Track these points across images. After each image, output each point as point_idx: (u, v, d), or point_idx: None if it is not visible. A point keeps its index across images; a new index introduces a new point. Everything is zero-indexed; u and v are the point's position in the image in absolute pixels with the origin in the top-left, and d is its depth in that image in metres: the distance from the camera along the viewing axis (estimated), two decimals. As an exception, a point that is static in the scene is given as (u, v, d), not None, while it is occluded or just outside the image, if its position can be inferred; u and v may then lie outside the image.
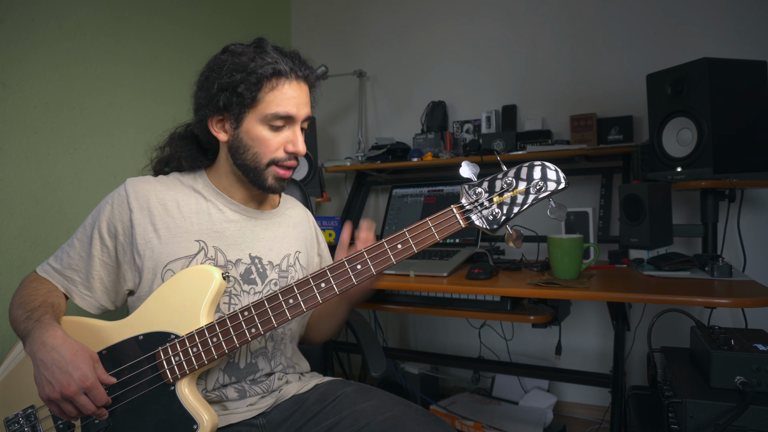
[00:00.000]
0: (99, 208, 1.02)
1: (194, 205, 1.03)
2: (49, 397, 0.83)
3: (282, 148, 0.99)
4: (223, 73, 0.95)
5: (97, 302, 1.02)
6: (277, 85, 0.96)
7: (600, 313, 2.17)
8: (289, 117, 0.97)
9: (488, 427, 1.92)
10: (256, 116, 0.96)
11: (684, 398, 0.99)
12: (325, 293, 0.90)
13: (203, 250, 1.00)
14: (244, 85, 0.94)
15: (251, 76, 0.94)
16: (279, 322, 0.90)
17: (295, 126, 1.00)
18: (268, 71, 0.94)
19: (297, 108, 0.98)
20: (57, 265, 1.02)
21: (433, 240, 0.88)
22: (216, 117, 0.99)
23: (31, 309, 0.92)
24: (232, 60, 0.95)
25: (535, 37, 2.28)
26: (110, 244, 1.00)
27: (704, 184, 1.57)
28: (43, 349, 0.84)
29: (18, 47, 1.57)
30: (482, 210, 0.87)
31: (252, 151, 0.98)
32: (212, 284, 0.93)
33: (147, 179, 1.04)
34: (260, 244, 1.06)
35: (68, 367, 0.83)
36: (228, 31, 2.41)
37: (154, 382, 0.90)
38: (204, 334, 0.90)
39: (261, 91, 0.95)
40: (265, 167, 0.99)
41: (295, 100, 0.98)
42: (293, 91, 0.97)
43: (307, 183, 2.28)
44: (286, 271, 1.08)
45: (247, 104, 0.95)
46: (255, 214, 1.08)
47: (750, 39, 1.90)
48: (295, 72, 0.98)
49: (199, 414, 0.88)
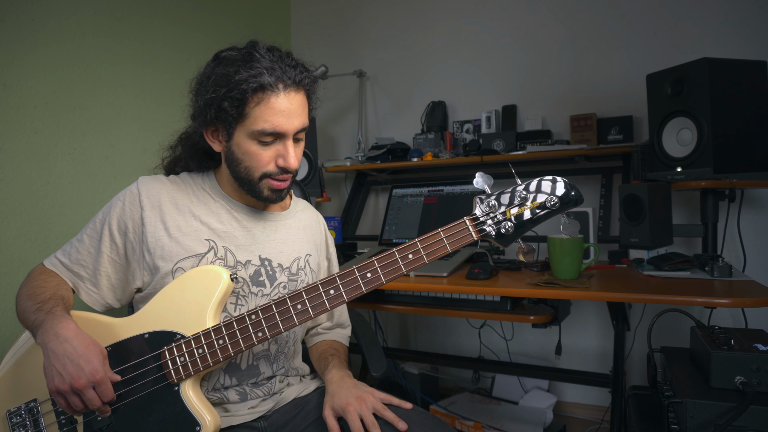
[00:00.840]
0: (110, 205, 1.02)
1: (204, 206, 1.03)
2: (59, 388, 0.83)
3: (273, 162, 0.96)
4: (209, 87, 0.92)
5: (102, 299, 1.02)
6: (263, 99, 0.90)
7: (600, 313, 2.17)
8: (277, 133, 0.93)
9: (488, 427, 1.92)
10: (245, 131, 0.93)
11: (684, 398, 0.99)
12: (334, 300, 0.90)
13: (213, 249, 0.99)
14: (227, 101, 0.90)
15: (235, 91, 0.89)
16: (286, 327, 0.90)
17: (286, 140, 0.95)
18: (252, 85, 0.89)
19: (287, 121, 0.93)
20: (65, 260, 1.02)
21: (445, 252, 0.87)
22: (210, 128, 0.97)
23: (41, 300, 0.92)
24: (219, 71, 0.92)
25: (535, 37, 2.28)
26: (120, 241, 1.00)
27: (704, 184, 1.57)
28: (55, 340, 0.84)
29: (18, 47, 1.57)
30: (495, 223, 0.86)
31: (244, 165, 0.96)
32: (220, 285, 0.93)
33: (159, 178, 1.05)
34: (270, 246, 1.05)
35: (80, 360, 0.83)
36: (228, 31, 2.41)
37: (158, 381, 0.90)
38: (210, 336, 0.90)
39: (247, 106, 0.90)
40: (258, 180, 0.97)
41: (285, 113, 0.92)
42: (282, 103, 0.92)
43: (307, 183, 2.28)
44: (296, 275, 1.07)
45: (235, 119, 0.92)
46: (264, 215, 1.07)
47: (750, 39, 1.90)
48: (284, 82, 0.91)
49: (202, 415, 0.88)
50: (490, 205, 0.87)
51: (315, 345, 1.18)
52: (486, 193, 0.88)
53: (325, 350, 1.13)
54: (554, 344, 1.83)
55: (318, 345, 1.17)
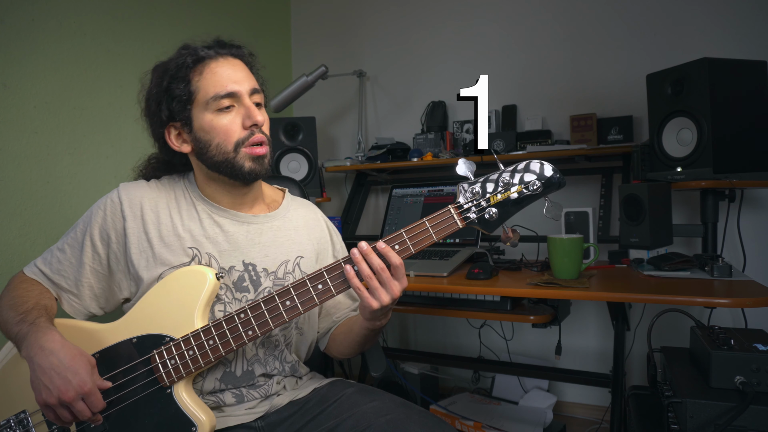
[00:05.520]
0: (90, 214, 1.00)
1: (185, 212, 1.01)
2: (46, 402, 0.82)
3: (239, 127, 0.95)
4: (153, 87, 0.97)
5: (84, 308, 1.01)
6: (205, 68, 0.95)
7: (600, 313, 2.17)
8: (230, 94, 0.94)
9: (488, 427, 1.92)
10: (200, 107, 0.95)
11: (684, 398, 0.99)
12: (323, 295, 0.89)
13: (196, 257, 0.98)
14: (174, 84, 0.94)
15: (177, 72, 0.94)
16: (276, 324, 0.89)
17: (243, 101, 0.96)
18: (189, 61, 0.94)
19: (235, 82, 0.95)
20: (45, 269, 1.00)
21: (431, 241, 0.87)
22: (170, 131, 0.98)
23: (24, 311, 0.90)
24: (156, 73, 0.98)
25: (535, 37, 2.28)
26: (102, 251, 0.99)
27: (704, 184, 1.56)
28: (41, 353, 0.83)
29: (18, 47, 1.57)
30: (479, 210, 0.86)
31: (214, 143, 0.95)
32: (206, 285, 0.92)
33: (140, 184, 1.03)
34: (254, 250, 1.02)
35: (66, 373, 0.82)
36: (228, 31, 2.37)
37: (150, 385, 0.89)
38: (200, 337, 0.89)
39: (191, 82, 0.94)
40: (234, 153, 0.95)
41: (231, 76, 0.95)
42: (224, 69, 0.95)
43: (307, 183, 2.28)
44: (283, 279, 1.03)
45: (186, 100, 0.94)
46: (247, 218, 1.04)
47: (750, 39, 1.90)
48: (219, 52, 0.96)
49: (197, 415, 0.87)
50: (474, 192, 0.86)
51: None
52: (469, 180, 0.88)
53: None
54: (554, 344, 1.83)
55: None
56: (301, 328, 1.09)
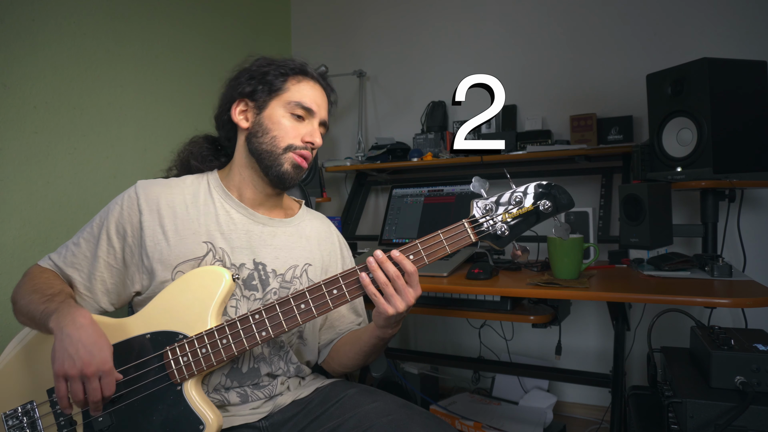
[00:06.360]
0: (108, 209, 1.02)
1: (202, 206, 1.03)
2: (67, 373, 0.83)
3: (300, 137, 1.03)
4: (253, 66, 1.06)
5: (95, 303, 1.01)
6: (302, 81, 1.05)
7: (600, 313, 2.17)
8: (309, 110, 1.04)
9: (488, 427, 1.92)
10: (280, 102, 1.03)
11: (684, 398, 0.99)
12: (337, 300, 0.91)
13: (211, 251, 1.00)
14: (272, 74, 1.03)
15: (280, 68, 1.04)
16: (290, 326, 0.91)
17: (313, 121, 1.05)
18: (295, 67, 1.05)
19: (317, 106, 1.05)
20: (59, 262, 1.02)
21: (444, 252, 0.91)
22: (240, 104, 1.04)
23: (50, 294, 0.93)
24: (261, 60, 1.07)
25: (535, 37, 2.28)
26: (118, 245, 1.00)
27: (704, 184, 1.56)
28: (72, 324, 0.85)
29: (18, 47, 1.57)
30: (492, 225, 0.90)
31: (272, 134, 1.02)
32: (222, 285, 0.93)
33: (157, 181, 1.05)
34: (266, 251, 1.04)
35: (93, 348, 0.84)
36: (228, 31, 2.41)
37: (160, 381, 0.90)
38: (213, 336, 0.90)
39: (287, 81, 1.03)
40: (282, 151, 1.02)
41: (317, 99, 1.06)
42: (315, 91, 1.06)
43: (307, 183, 2.28)
44: (290, 282, 1.05)
45: (273, 90, 1.02)
46: (263, 219, 1.07)
47: (750, 39, 1.90)
48: (317, 79, 1.07)
49: (205, 414, 0.88)
50: (487, 208, 0.90)
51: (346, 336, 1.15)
52: (482, 196, 0.91)
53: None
54: (554, 344, 1.83)
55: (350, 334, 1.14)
56: (305, 339, 1.10)
